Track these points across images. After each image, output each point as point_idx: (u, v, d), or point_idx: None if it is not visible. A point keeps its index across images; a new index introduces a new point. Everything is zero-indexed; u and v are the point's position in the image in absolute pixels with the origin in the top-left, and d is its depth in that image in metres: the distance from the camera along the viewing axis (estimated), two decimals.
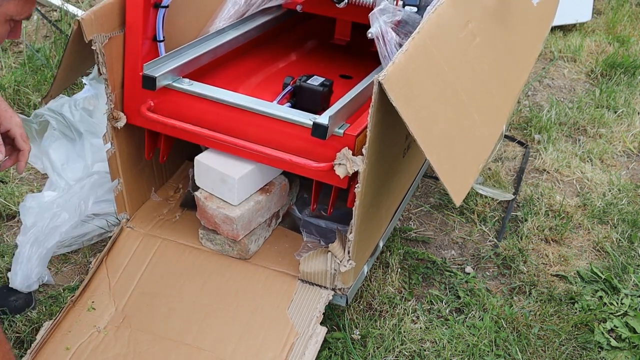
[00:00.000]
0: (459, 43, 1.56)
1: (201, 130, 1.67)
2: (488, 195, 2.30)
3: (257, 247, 1.84)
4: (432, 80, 1.42)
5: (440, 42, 1.47)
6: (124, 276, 1.78)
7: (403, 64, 1.32)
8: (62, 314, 1.68)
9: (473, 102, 1.55)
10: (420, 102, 1.36)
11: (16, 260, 1.82)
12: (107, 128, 1.75)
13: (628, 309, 1.91)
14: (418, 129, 1.32)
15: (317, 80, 1.71)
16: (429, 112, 1.39)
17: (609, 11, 4.05)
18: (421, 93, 1.37)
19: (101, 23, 1.60)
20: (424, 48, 1.40)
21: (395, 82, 1.29)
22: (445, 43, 1.50)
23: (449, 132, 1.45)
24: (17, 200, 2.16)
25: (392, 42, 1.59)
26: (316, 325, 1.65)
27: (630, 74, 3.26)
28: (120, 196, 1.89)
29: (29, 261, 1.81)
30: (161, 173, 2.07)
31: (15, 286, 1.81)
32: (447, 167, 1.40)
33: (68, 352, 1.60)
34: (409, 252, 2.07)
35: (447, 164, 1.40)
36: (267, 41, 2.10)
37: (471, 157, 1.52)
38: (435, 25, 1.46)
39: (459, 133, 1.49)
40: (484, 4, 1.74)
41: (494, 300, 1.92)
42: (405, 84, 1.32)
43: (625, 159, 2.68)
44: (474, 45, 1.61)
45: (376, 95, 1.31)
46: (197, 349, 1.61)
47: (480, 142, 1.57)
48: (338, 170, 1.52)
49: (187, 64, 1.73)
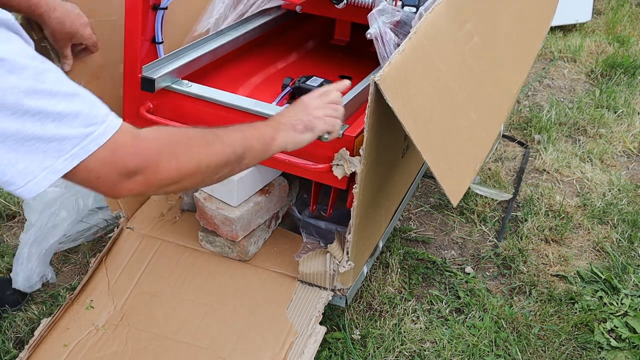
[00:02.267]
0: (456, 43, 1.56)
1: None
2: (486, 195, 2.30)
3: (256, 248, 1.84)
4: (428, 80, 1.42)
5: (437, 42, 1.47)
6: (123, 276, 1.79)
7: (399, 64, 1.32)
8: (61, 311, 1.68)
9: (470, 102, 1.55)
10: (417, 103, 1.36)
11: (17, 261, 1.83)
12: None
13: (628, 309, 1.91)
14: (415, 130, 1.32)
15: (316, 81, 1.71)
16: (425, 113, 1.38)
17: (609, 11, 4.05)
18: (418, 93, 1.37)
19: None
20: (420, 48, 1.40)
21: (392, 83, 1.28)
22: (442, 43, 1.50)
23: (446, 133, 1.45)
24: (17, 200, 2.16)
25: (391, 42, 1.59)
26: (315, 325, 1.65)
27: (630, 74, 3.26)
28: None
29: (29, 261, 1.81)
30: None
31: (18, 287, 1.82)
32: (444, 168, 1.40)
33: (66, 349, 1.61)
34: (409, 252, 2.07)
35: (444, 164, 1.40)
36: (266, 42, 2.10)
37: (468, 157, 1.52)
38: (432, 25, 1.46)
39: (456, 133, 1.49)
40: (482, 3, 1.74)
41: (494, 300, 1.92)
42: (402, 84, 1.32)
43: (625, 159, 2.68)
44: (471, 45, 1.61)
45: (372, 96, 1.30)
46: (195, 348, 1.61)
47: (478, 142, 1.56)
48: (336, 171, 1.52)
49: (186, 65, 1.73)
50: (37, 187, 0.89)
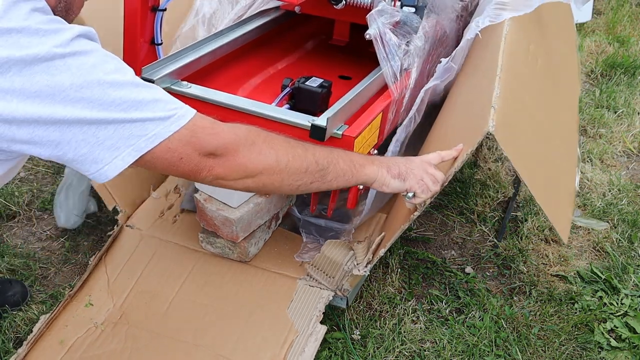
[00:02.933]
0: (528, 69, 1.50)
1: None
2: (586, 226, 2.28)
3: (257, 249, 1.85)
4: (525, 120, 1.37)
5: (520, 77, 1.41)
6: (123, 274, 1.79)
7: (504, 109, 1.25)
8: (60, 308, 1.69)
9: (554, 131, 1.49)
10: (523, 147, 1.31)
11: (56, 205, 2.05)
12: None
13: (628, 309, 1.91)
14: (527, 175, 1.27)
15: (315, 81, 1.71)
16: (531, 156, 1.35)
17: (609, 11, 4.05)
18: (521, 136, 1.32)
19: None
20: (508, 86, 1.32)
21: (504, 131, 1.22)
22: (523, 76, 1.44)
23: (547, 172, 1.41)
24: (17, 200, 2.17)
25: (391, 42, 1.59)
26: (316, 324, 1.65)
27: (630, 74, 3.26)
28: (102, 188, 1.94)
29: (67, 202, 2.01)
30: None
31: (62, 225, 2.05)
32: (553, 207, 1.36)
33: (64, 346, 1.61)
34: (409, 252, 2.08)
35: (552, 203, 1.36)
36: (265, 43, 2.11)
37: (565, 190, 1.47)
38: (510, 56, 1.39)
39: (552, 169, 1.45)
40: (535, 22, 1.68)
41: (494, 300, 1.92)
42: (510, 131, 1.26)
43: (625, 159, 2.68)
44: (538, 69, 1.56)
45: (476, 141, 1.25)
46: (195, 347, 1.61)
47: (568, 172, 1.51)
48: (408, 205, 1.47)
49: (185, 66, 1.73)
50: (120, 165, 0.98)
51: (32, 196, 2.22)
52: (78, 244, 2.06)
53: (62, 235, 2.08)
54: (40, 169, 2.36)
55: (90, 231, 2.10)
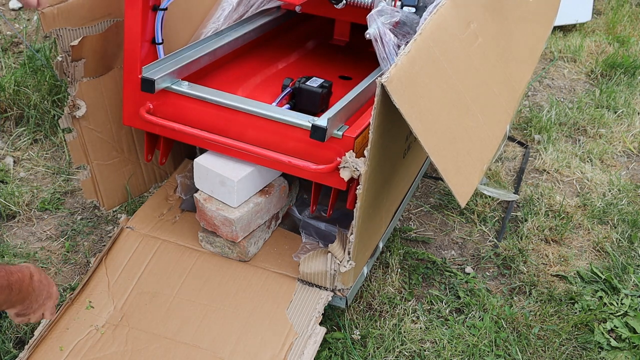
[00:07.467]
0: (461, 44, 1.56)
1: (200, 132, 1.67)
2: (492, 196, 2.30)
3: (256, 249, 1.85)
4: (435, 81, 1.41)
5: (442, 43, 1.47)
6: (123, 276, 1.79)
7: (406, 65, 1.31)
8: (61, 311, 1.68)
9: (476, 103, 1.54)
10: (424, 104, 1.35)
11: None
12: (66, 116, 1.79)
13: (628, 309, 1.91)
14: (422, 131, 1.31)
15: (316, 81, 1.71)
16: (432, 114, 1.38)
17: (609, 11, 4.05)
18: (425, 95, 1.36)
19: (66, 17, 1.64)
20: (426, 50, 1.39)
21: (399, 84, 1.28)
22: (447, 44, 1.49)
23: (452, 134, 1.44)
24: (17, 200, 2.17)
25: (390, 43, 1.59)
26: (315, 326, 1.65)
27: (630, 74, 3.26)
28: (88, 182, 1.94)
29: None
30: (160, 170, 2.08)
31: None
32: (451, 169, 1.39)
33: (65, 350, 1.61)
34: (409, 253, 2.08)
35: (451, 165, 1.40)
36: (266, 42, 2.11)
37: (475, 158, 1.51)
38: (437, 26, 1.45)
39: (462, 134, 1.49)
40: (485, 3, 1.74)
41: (494, 300, 1.92)
42: (409, 86, 1.31)
43: (625, 159, 2.68)
44: (476, 46, 1.60)
45: (379, 97, 1.30)
46: (195, 348, 1.61)
47: (484, 142, 1.56)
48: (343, 174, 1.52)
49: (186, 66, 1.73)
50: None
51: (32, 196, 2.22)
52: (78, 244, 2.06)
53: (62, 235, 2.08)
54: (40, 169, 2.36)
55: (90, 231, 2.10)
